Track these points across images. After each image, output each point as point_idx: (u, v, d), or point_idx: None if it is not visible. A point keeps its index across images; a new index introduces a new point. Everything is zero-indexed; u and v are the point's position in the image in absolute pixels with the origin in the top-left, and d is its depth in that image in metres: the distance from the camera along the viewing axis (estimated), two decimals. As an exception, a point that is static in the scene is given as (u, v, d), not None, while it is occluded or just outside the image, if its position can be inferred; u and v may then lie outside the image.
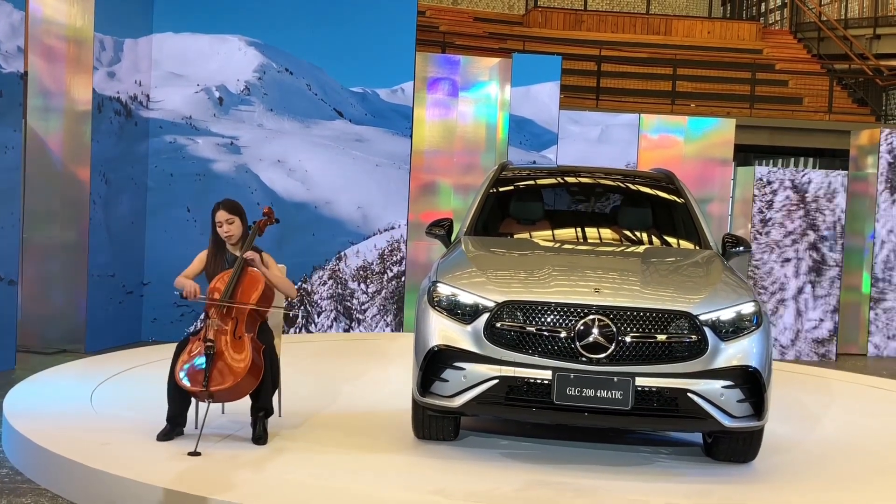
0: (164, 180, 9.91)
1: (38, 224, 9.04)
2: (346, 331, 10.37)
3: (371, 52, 10.40)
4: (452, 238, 6.83)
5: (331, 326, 10.33)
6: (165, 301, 9.72)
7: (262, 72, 10.26)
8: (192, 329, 8.03)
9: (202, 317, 5.79)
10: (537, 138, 11.02)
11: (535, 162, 10.43)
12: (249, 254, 5.71)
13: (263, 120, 10.20)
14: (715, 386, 5.32)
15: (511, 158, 10.51)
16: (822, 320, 11.13)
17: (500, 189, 7.10)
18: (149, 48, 9.75)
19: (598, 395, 5.25)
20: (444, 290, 5.62)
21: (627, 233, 6.83)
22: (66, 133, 9.02)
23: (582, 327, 5.30)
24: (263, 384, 5.59)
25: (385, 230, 10.48)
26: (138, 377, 7.18)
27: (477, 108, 10.91)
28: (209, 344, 5.47)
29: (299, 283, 10.06)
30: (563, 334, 5.31)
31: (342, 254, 10.42)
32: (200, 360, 5.47)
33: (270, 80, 10.28)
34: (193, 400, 5.63)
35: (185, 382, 5.46)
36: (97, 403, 6.35)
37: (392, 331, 10.47)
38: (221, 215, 5.82)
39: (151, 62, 9.78)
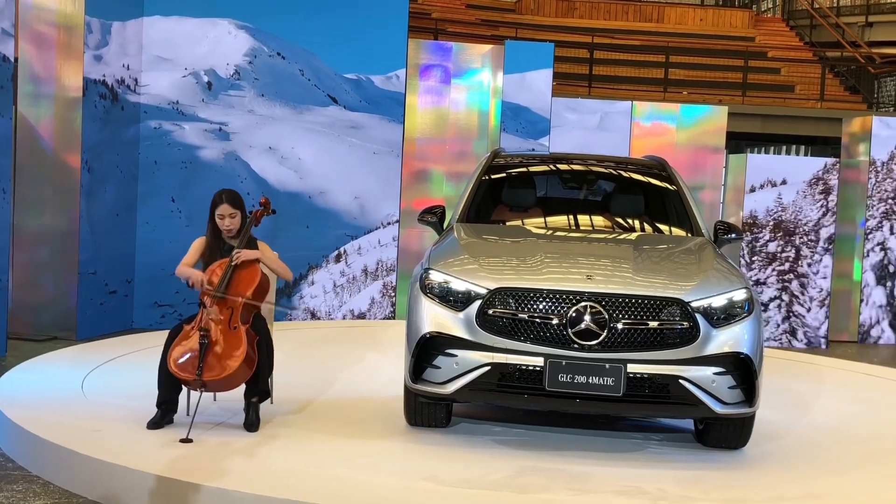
0: (148, 168, 9.75)
1: (29, 211, 9.00)
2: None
3: (364, 38, 10.34)
4: (445, 225, 6.83)
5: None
6: (146, 301, 9.64)
7: (253, 56, 10.16)
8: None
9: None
10: (533, 126, 10.99)
11: (533, 150, 10.40)
12: (238, 258, 5.65)
13: (254, 105, 10.11)
14: (706, 372, 5.33)
15: (507, 146, 10.50)
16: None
17: (493, 176, 7.10)
18: (137, 31, 9.65)
19: (590, 381, 5.26)
20: (436, 277, 5.62)
21: (620, 220, 6.83)
22: (56, 120, 8.97)
23: (574, 314, 5.30)
24: (260, 369, 5.59)
25: (387, 224, 10.41)
26: (130, 364, 7.17)
27: (469, 96, 10.88)
28: (203, 333, 5.45)
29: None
30: (555, 321, 5.31)
31: (342, 250, 10.32)
32: (194, 349, 5.45)
33: (262, 64, 10.18)
34: (185, 387, 5.62)
35: (178, 370, 5.44)
36: (88, 390, 6.34)
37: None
38: (225, 209, 5.74)
39: (141, 46, 9.69)
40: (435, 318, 5.49)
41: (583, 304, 5.32)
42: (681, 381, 5.30)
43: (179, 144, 9.86)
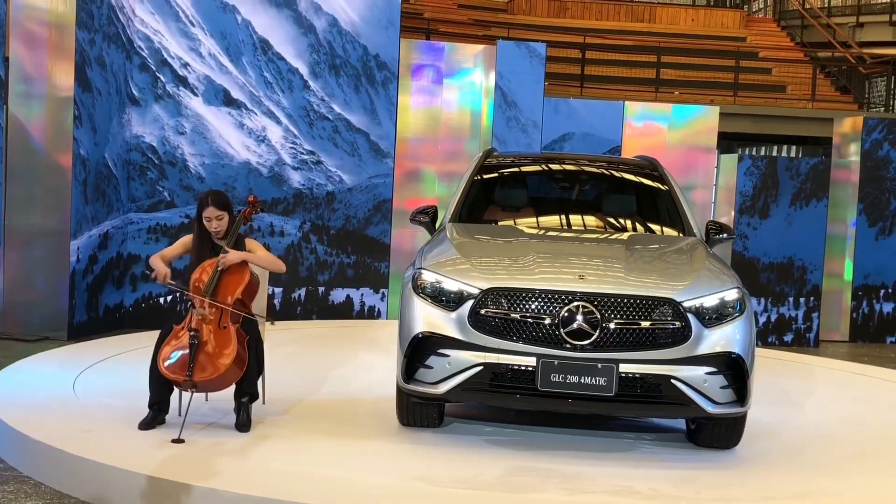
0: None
1: (20, 211, 8.98)
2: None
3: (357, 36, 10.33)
4: (437, 225, 6.83)
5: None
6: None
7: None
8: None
9: (188, 305, 5.76)
10: (525, 126, 10.96)
11: (526, 150, 10.40)
12: (223, 263, 5.63)
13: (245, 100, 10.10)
14: (698, 372, 5.33)
15: (499, 146, 10.50)
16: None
17: (485, 176, 7.10)
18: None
19: (582, 381, 5.26)
20: (428, 277, 5.61)
21: (612, 220, 6.84)
22: (47, 119, 8.95)
23: (566, 314, 5.30)
24: (248, 370, 5.58)
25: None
26: (121, 364, 7.15)
27: (461, 96, 10.88)
28: (193, 333, 5.44)
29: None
30: (547, 321, 5.32)
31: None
32: (184, 350, 5.44)
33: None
34: (176, 388, 5.60)
35: (169, 371, 5.43)
36: (80, 391, 6.32)
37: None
38: (211, 212, 5.73)
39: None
40: (427, 318, 5.49)
41: (575, 303, 5.32)
42: (673, 380, 5.31)
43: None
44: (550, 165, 7.56)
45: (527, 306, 5.36)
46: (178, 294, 5.86)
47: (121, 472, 4.82)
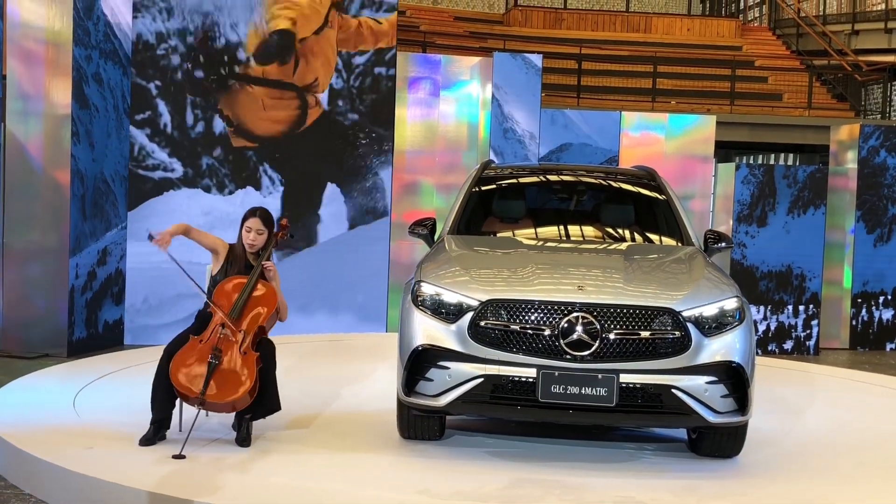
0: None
1: (18, 228, 8.99)
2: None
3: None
4: (435, 237, 6.83)
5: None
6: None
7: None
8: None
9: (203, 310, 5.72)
10: (522, 137, 10.98)
11: (524, 162, 10.41)
12: (269, 264, 5.68)
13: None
14: (699, 382, 5.33)
15: (497, 158, 10.51)
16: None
17: (483, 188, 7.10)
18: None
19: (583, 392, 5.26)
20: (427, 289, 5.61)
21: (610, 230, 6.84)
22: (45, 137, 8.96)
23: (566, 325, 5.31)
24: (266, 389, 5.56)
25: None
26: (121, 381, 7.15)
27: (458, 108, 10.90)
28: (215, 352, 5.41)
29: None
30: (547, 332, 5.32)
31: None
32: (202, 365, 5.40)
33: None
34: (178, 402, 5.59)
35: (181, 383, 5.39)
36: (80, 408, 6.32)
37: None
38: (255, 223, 5.73)
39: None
40: (427, 330, 5.49)
41: (574, 314, 5.33)
42: (673, 390, 5.31)
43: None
44: (548, 176, 7.57)
45: (526, 317, 5.36)
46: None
47: (122, 488, 4.81)
